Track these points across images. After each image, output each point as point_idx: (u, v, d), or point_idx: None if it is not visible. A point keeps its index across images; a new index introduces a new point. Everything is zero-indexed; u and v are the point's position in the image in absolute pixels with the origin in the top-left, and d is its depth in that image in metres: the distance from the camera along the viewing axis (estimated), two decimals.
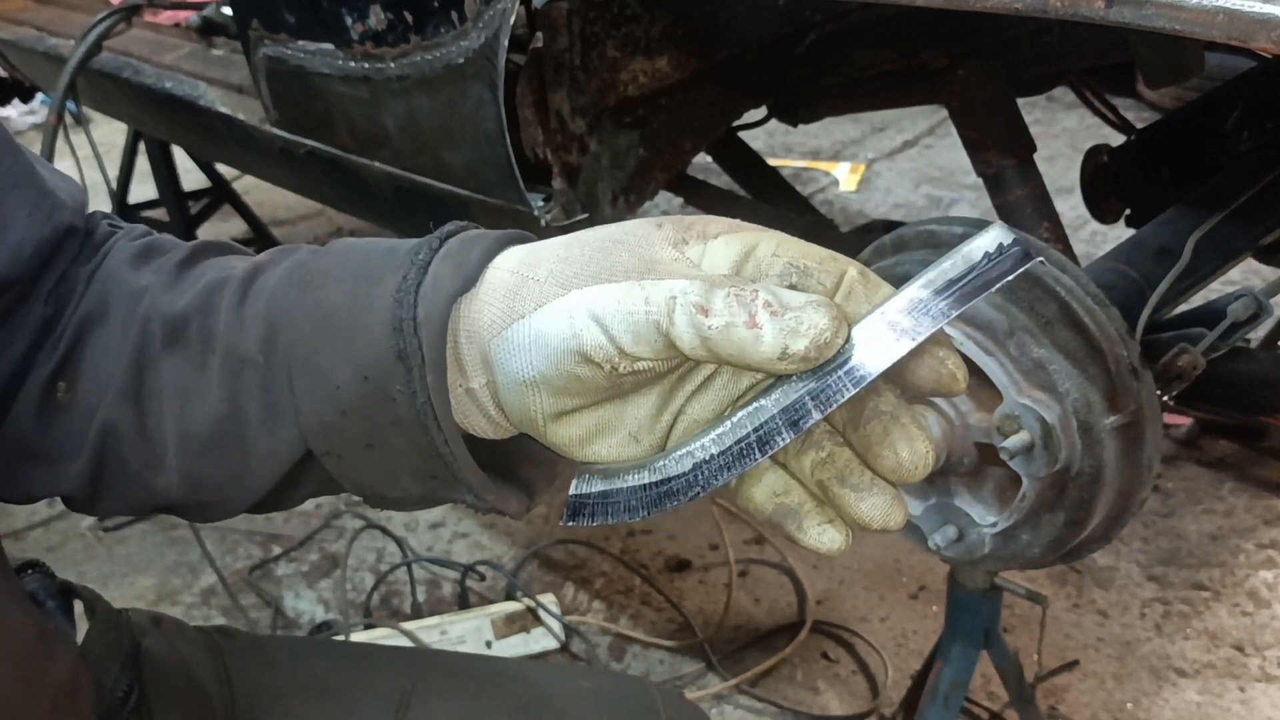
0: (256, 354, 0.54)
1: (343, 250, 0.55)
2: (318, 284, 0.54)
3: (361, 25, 1.29)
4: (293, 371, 0.53)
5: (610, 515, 0.48)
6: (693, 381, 0.49)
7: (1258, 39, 0.66)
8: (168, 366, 0.57)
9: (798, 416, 0.44)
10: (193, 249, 0.62)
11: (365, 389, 0.51)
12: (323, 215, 3.62)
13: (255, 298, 0.56)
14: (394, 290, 0.50)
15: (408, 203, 1.46)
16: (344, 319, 0.51)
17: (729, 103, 1.45)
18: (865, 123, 3.99)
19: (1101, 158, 1.51)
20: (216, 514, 0.61)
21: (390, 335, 0.50)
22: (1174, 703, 1.64)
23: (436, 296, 0.49)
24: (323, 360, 0.52)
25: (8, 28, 2.19)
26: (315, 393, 0.52)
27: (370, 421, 0.51)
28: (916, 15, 0.93)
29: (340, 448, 0.53)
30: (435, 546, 2.09)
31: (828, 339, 0.42)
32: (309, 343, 0.52)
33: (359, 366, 0.51)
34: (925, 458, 0.45)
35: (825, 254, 0.46)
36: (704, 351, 0.44)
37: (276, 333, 0.54)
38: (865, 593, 1.90)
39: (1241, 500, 2.03)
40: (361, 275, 0.52)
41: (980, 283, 0.42)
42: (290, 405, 0.53)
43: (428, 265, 0.51)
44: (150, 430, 0.58)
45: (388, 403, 0.50)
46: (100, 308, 0.60)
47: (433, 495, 0.55)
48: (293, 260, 0.57)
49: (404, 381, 0.49)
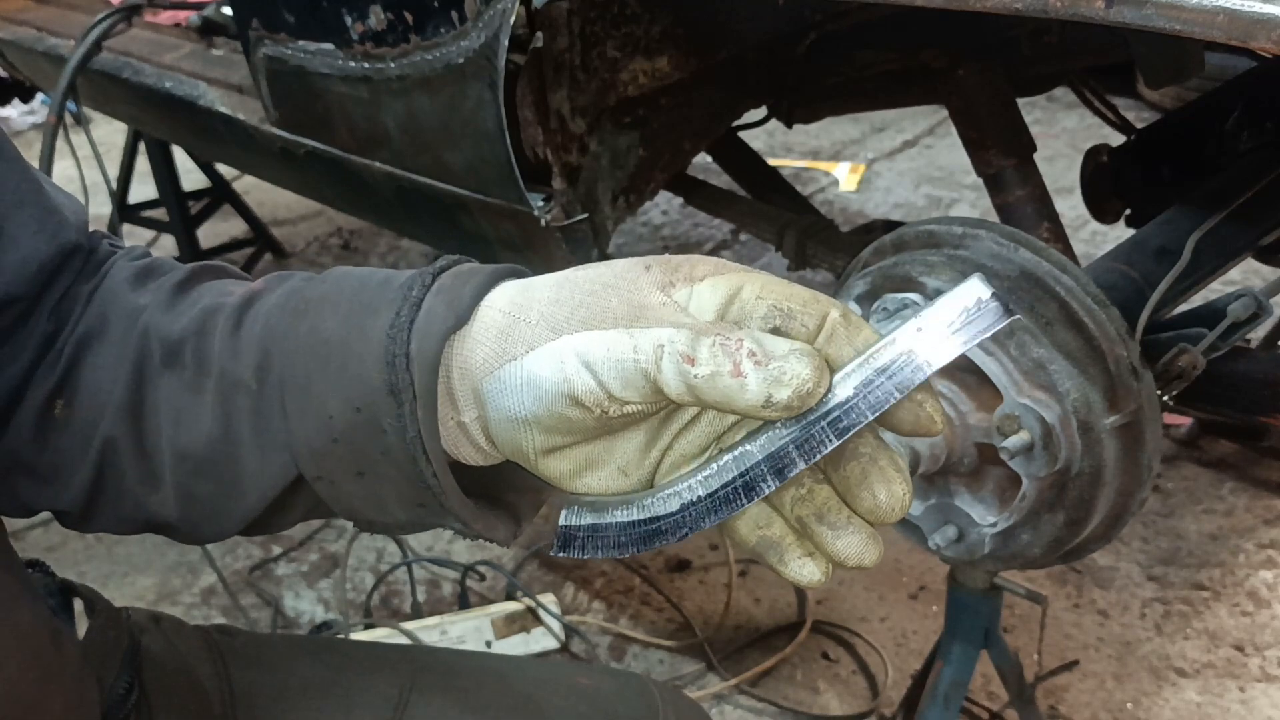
0: (250, 379, 0.55)
1: (337, 280, 0.56)
2: (313, 313, 0.55)
3: (361, 25, 1.29)
4: (285, 397, 0.54)
5: (600, 550, 0.49)
6: (679, 420, 0.50)
7: (1258, 39, 0.66)
8: (164, 386, 0.58)
9: (782, 464, 0.46)
10: (191, 271, 0.63)
11: (356, 419, 0.52)
12: (323, 215, 3.62)
13: (250, 323, 0.57)
14: (388, 325, 0.51)
15: (408, 202, 1.46)
16: (338, 349, 0.53)
17: (729, 103, 1.45)
18: (865, 123, 3.99)
19: (1101, 158, 1.51)
20: (209, 534, 0.61)
21: (383, 369, 0.51)
22: (1174, 703, 1.64)
23: (429, 333, 0.50)
24: (315, 388, 0.53)
25: (8, 27, 2.19)
26: (307, 419, 0.53)
27: (361, 450, 0.52)
28: (916, 15, 0.93)
29: (331, 473, 0.54)
30: (435, 546, 2.09)
31: (810, 389, 0.43)
32: (302, 370, 0.54)
33: (351, 397, 0.52)
34: (902, 500, 0.46)
35: (808, 296, 0.47)
36: (690, 397, 0.45)
37: (270, 359, 0.55)
38: (865, 593, 1.90)
39: (1241, 500, 2.03)
40: (356, 307, 0.53)
41: (962, 337, 0.44)
42: (283, 429, 0.54)
43: (421, 301, 0.52)
44: (148, 446, 0.58)
45: (378, 434, 0.51)
46: (100, 326, 0.61)
47: (421, 522, 0.56)
48: (287, 287, 0.58)
49: (395, 415, 0.51)
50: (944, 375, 0.98)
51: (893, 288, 0.99)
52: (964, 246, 1.01)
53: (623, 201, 1.32)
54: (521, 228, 1.29)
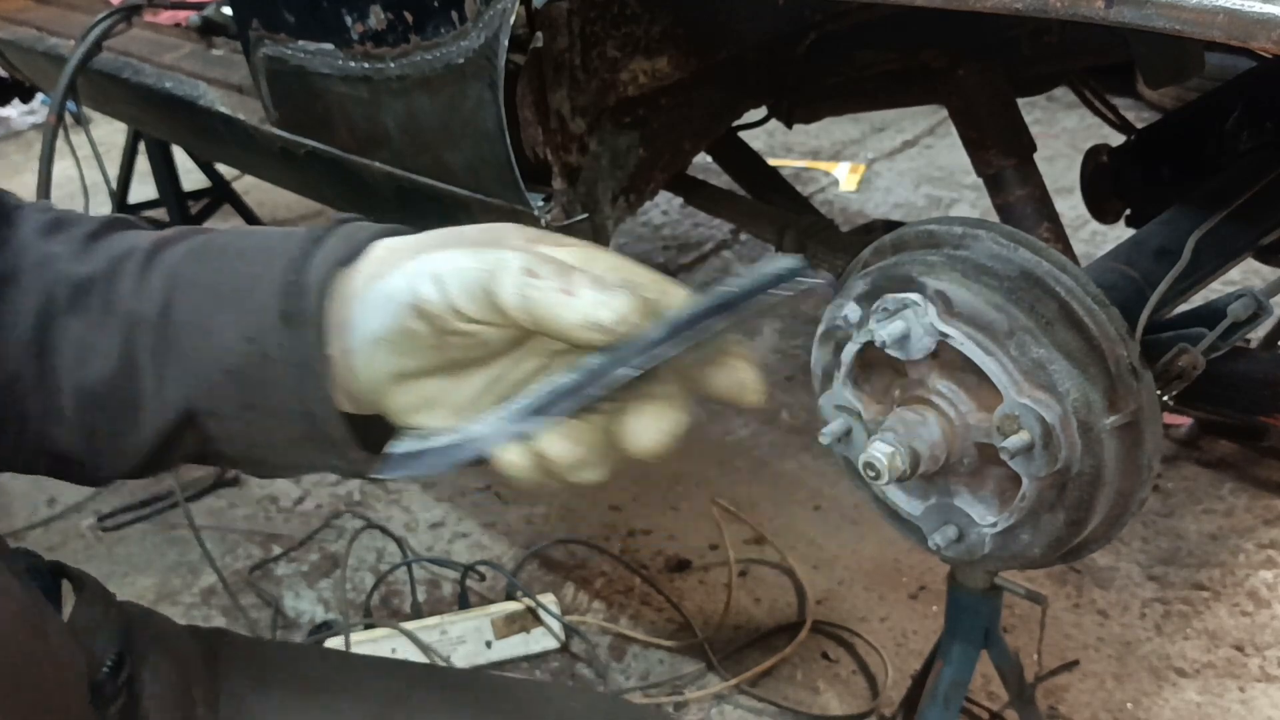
0: (154, 316, 0.59)
1: (247, 230, 0.62)
2: (217, 255, 0.59)
3: (362, 25, 1.30)
4: (184, 333, 0.58)
5: (417, 468, 0.52)
6: (519, 371, 0.54)
7: (1258, 39, 0.66)
8: (70, 325, 0.61)
9: (583, 389, 0.50)
10: (103, 222, 0.65)
11: (249, 349, 0.56)
12: (323, 215, 3.62)
13: (158, 266, 0.60)
14: (285, 263, 0.56)
15: (408, 203, 1.46)
16: (238, 285, 0.57)
17: (729, 103, 1.45)
18: (865, 123, 3.99)
19: (1101, 158, 1.51)
20: (107, 470, 0.63)
21: (278, 299, 0.55)
22: (1174, 702, 1.65)
23: (325, 262, 0.55)
24: (213, 323, 0.57)
25: (8, 27, 2.19)
26: (203, 354, 0.57)
27: (251, 381, 0.56)
28: (916, 15, 0.93)
29: (221, 408, 0.58)
30: (435, 546, 2.09)
31: (631, 320, 0.48)
32: (203, 308, 0.58)
33: (245, 329, 0.56)
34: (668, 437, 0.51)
35: (655, 276, 0.52)
36: (524, 314, 0.49)
37: (174, 298, 0.59)
38: (865, 593, 1.90)
39: (1241, 500, 2.03)
40: (261, 250, 0.58)
41: (755, 301, 0.50)
42: (178, 364, 0.58)
43: (322, 239, 0.56)
44: (49, 383, 0.61)
45: (269, 362, 0.55)
46: (9, 273, 0.62)
47: (306, 459, 0.60)
48: (198, 238, 0.62)
49: (285, 341, 0.55)
50: (943, 375, 0.98)
51: (892, 288, 0.99)
52: (964, 246, 1.01)
53: (623, 201, 1.32)
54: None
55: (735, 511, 2.09)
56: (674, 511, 2.13)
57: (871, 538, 2.01)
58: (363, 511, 2.18)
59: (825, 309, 1.04)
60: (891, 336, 0.97)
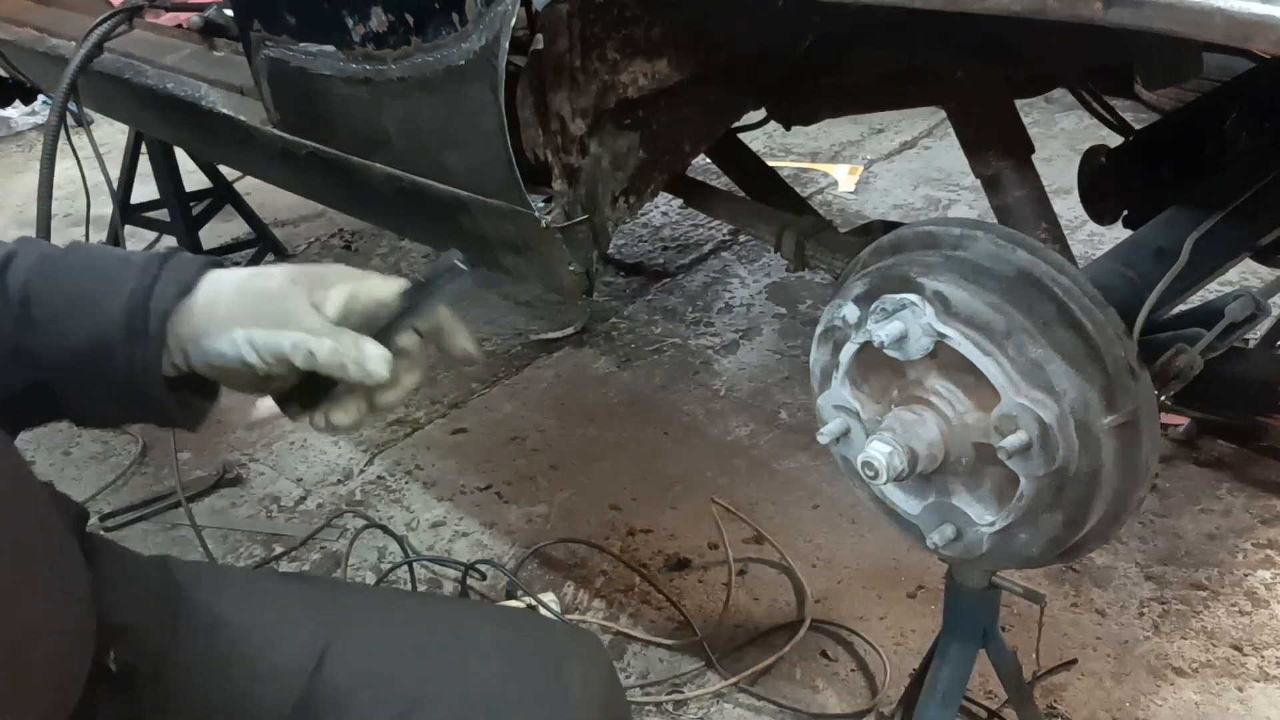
0: (15, 311, 0.79)
1: (86, 251, 0.84)
2: (70, 276, 0.81)
3: (363, 27, 1.30)
4: (40, 328, 0.79)
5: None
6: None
7: (1257, 40, 0.67)
8: None
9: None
10: None
11: (96, 345, 0.78)
12: (324, 216, 3.62)
13: (13, 278, 0.80)
14: (129, 289, 0.79)
15: (408, 204, 1.46)
16: (90, 301, 0.79)
17: (729, 105, 1.46)
18: (864, 124, 4.00)
19: (1100, 159, 1.52)
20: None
21: (126, 316, 0.78)
22: (1172, 702, 1.65)
23: (164, 296, 0.79)
24: (68, 324, 0.79)
25: (9, 29, 2.20)
26: (57, 345, 0.79)
27: (92, 366, 0.79)
28: (915, 17, 0.93)
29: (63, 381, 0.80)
30: (436, 545, 2.10)
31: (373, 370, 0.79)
32: (60, 315, 0.79)
33: (97, 330, 0.78)
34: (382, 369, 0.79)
35: (389, 290, 0.83)
36: (309, 367, 0.79)
37: (31, 303, 0.79)
38: (864, 592, 1.91)
39: (1239, 500, 2.04)
40: (105, 275, 0.81)
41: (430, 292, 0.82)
42: (33, 347, 0.79)
43: (158, 276, 0.80)
44: None
45: (110, 355, 0.78)
46: None
47: (128, 413, 0.84)
48: (39, 253, 0.82)
49: (126, 346, 0.78)
50: (942, 375, 0.99)
51: (891, 288, 1.00)
52: (962, 247, 1.01)
53: (623, 203, 1.33)
54: (522, 229, 1.29)
55: (734, 511, 2.10)
56: (673, 511, 2.13)
57: (870, 537, 2.01)
58: (364, 511, 2.19)
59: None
60: (890, 337, 0.97)
